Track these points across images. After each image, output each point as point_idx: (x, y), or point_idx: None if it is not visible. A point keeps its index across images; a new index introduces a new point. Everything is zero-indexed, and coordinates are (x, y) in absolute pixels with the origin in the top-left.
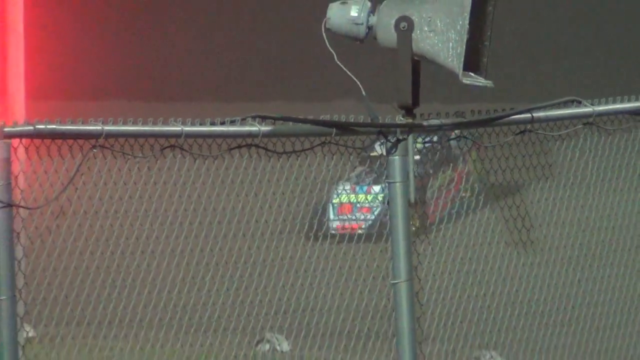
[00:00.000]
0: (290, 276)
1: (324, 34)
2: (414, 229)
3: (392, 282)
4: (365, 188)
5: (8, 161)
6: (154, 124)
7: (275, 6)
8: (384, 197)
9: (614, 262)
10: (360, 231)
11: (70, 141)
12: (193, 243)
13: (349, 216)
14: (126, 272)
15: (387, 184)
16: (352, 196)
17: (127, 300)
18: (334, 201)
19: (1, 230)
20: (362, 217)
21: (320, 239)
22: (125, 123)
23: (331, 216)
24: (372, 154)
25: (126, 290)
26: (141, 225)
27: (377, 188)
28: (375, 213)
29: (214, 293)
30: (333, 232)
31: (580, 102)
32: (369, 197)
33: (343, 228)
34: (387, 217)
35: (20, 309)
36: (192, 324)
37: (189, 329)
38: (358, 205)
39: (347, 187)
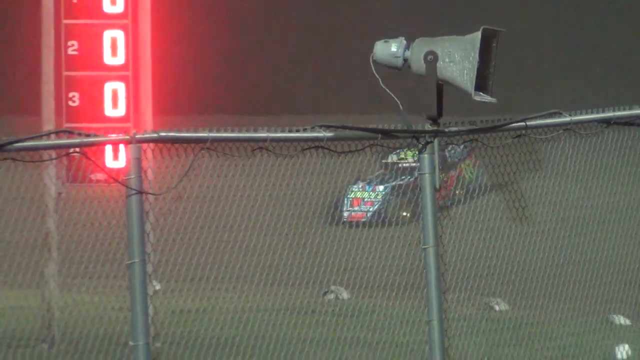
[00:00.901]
0: (348, 244)
1: (371, 65)
2: (407, 215)
3: (423, 247)
4: (371, 187)
5: (139, 160)
6: (247, 131)
7: (337, 44)
8: (384, 194)
9: (586, 232)
10: (363, 219)
11: (185, 145)
12: (276, 220)
13: (357, 208)
14: (226, 241)
15: (419, 175)
16: (361, 193)
17: (228, 262)
18: (349, 196)
19: (135, 211)
20: (366, 209)
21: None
22: (225, 131)
23: (345, 207)
24: (385, 161)
25: (227, 255)
26: (237, 206)
27: (381, 187)
28: (376, 206)
29: (291, 256)
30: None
31: (561, 113)
32: (372, 195)
33: (350, 217)
34: (383, 208)
35: (149, 269)
36: (276, 279)
37: (273, 283)
38: (364, 200)
39: (359, 186)
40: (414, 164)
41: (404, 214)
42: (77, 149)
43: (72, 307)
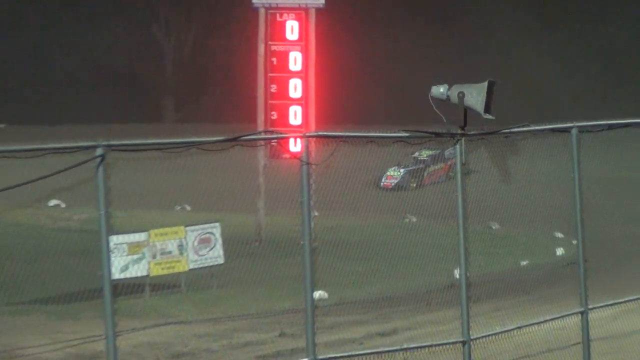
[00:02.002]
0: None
1: (430, 99)
2: (414, 185)
3: (455, 194)
4: (399, 170)
5: (307, 147)
6: (381, 130)
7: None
8: (403, 174)
9: (539, 185)
10: (390, 187)
11: (329, 139)
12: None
13: (388, 180)
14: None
15: (454, 157)
16: (392, 172)
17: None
18: (386, 173)
19: (305, 174)
20: (391, 181)
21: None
22: (349, 130)
23: (383, 180)
24: (413, 155)
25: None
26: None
27: (402, 170)
28: (397, 180)
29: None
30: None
31: (529, 125)
32: (396, 173)
33: (384, 185)
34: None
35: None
36: None
37: None
38: (393, 176)
39: (394, 168)
40: (425, 158)
41: (413, 185)
42: (275, 141)
43: (271, 223)
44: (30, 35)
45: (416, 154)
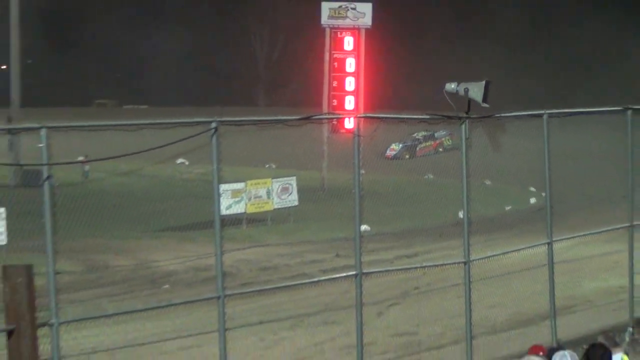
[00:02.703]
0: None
1: (445, 94)
2: (407, 157)
3: (461, 158)
4: (399, 145)
5: (358, 125)
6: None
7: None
8: (400, 148)
9: (519, 156)
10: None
11: (372, 120)
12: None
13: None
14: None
15: (462, 137)
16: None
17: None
18: (389, 147)
19: (356, 144)
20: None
21: None
22: (383, 112)
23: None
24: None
25: None
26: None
27: (401, 145)
28: (395, 152)
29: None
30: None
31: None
32: (396, 147)
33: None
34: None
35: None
36: None
37: None
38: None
39: (397, 143)
40: (420, 137)
41: (407, 156)
42: (336, 120)
43: (331, 178)
44: (164, 41)
45: (415, 134)
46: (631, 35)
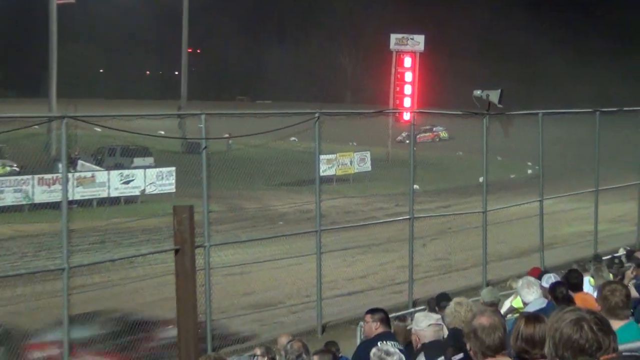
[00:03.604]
0: None
1: (473, 98)
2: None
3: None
4: (405, 134)
5: (414, 118)
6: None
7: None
8: (405, 135)
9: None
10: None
11: (428, 114)
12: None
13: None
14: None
15: (483, 128)
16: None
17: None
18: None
19: (412, 131)
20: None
21: None
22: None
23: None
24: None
25: None
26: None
27: (405, 134)
28: (401, 139)
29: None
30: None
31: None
32: (403, 134)
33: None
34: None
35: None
36: None
37: None
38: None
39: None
40: (421, 129)
41: (407, 141)
42: (398, 113)
43: (393, 153)
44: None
45: (422, 127)
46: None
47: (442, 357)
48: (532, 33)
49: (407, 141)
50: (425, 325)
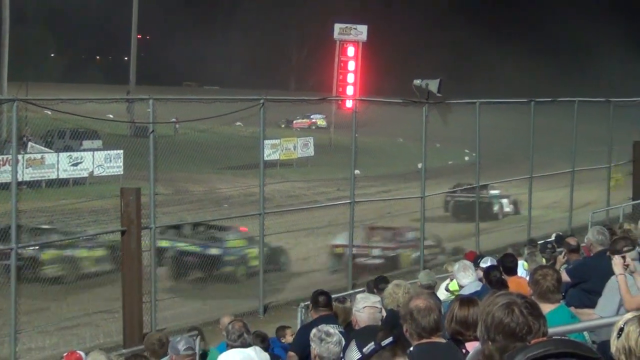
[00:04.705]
0: None
1: (413, 87)
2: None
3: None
4: None
5: (356, 105)
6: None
7: None
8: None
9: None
10: None
11: (370, 102)
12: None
13: None
14: None
15: (423, 116)
16: None
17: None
18: None
19: (354, 117)
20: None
21: None
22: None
23: None
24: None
25: None
26: None
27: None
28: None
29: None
30: None
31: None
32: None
33: None
34: None
35: None
36: None
37: None
38: None
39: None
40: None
41: (282, 126)
42: (341, 100)
43: (335, 138)
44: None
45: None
46: None
47: (372, 343)
48: (473, 27)
49: (283, 126)
50: (361, 307)
